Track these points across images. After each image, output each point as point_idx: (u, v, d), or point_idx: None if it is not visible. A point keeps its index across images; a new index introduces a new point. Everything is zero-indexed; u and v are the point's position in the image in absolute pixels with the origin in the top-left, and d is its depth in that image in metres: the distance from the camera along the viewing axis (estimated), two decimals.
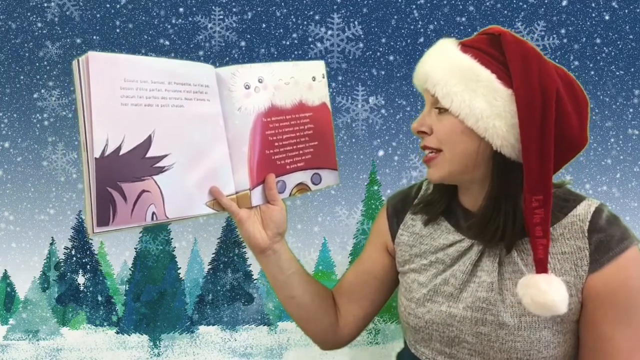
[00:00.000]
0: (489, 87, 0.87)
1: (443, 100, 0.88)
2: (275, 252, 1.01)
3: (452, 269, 0.95)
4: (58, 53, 1.28)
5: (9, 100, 1.76)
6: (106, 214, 0.80)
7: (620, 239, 0.86)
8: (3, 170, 1.62)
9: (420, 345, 0.99)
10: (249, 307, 1.34)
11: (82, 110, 0.81)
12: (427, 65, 0.92)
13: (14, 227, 1.74)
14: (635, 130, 1.70)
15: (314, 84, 1.05)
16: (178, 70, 0.88)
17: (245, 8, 1.52)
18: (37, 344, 1.36)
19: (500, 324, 0.87)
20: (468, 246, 0.95)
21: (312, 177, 1.06)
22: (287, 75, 1.01)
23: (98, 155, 0.79)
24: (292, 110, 1.01)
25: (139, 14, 1.63)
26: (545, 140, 0.86)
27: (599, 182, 1.75)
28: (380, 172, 1.33)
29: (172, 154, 0.87)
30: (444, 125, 0.90)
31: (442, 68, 0.90)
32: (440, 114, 0.91)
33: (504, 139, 0.87)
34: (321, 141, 1.05)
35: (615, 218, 0.89)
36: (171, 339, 1.34)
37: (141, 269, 1.38)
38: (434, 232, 1.01)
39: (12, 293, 1.56)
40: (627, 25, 1.70)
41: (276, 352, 1.33)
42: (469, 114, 0.87)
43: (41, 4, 1.38)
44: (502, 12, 1.62)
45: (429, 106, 0.94)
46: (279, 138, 1.00)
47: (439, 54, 0.93)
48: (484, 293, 0.90)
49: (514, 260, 0.90)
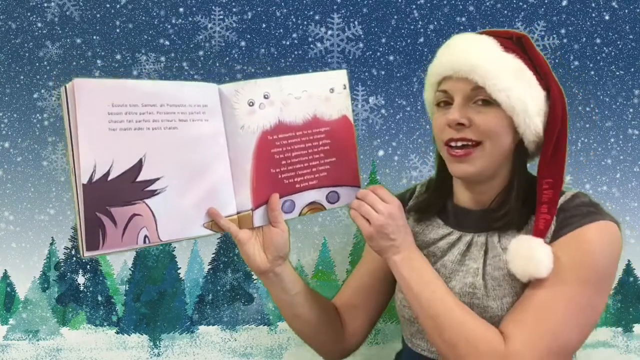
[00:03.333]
0: (532, 87, 0.91)
1: (498, 93, 0.88)
2: (276, 275, 0.99)
3: (442, 260, 0.99)
4: (58, 53, 1.29)
5: (9, 100, 1.79)
6: (95, 239, 0.80)
7: (585, 215, 0.89)
8: (3, 170, 1.65)
9: (416, 339, 1.02)
10: (249, 307, 1.35)
11: (70, 137, 0.80)
12: (473, 57, 0.90)
13: (14, 227, 1.77)
14: (635, 130, 1.73)
15: (332, 96, 0.98)
16: (171, 92, 0.86)
17: (245, 8, 1.55)
18: (37, 344, 1.36)
19: (484, 307, 0.90)
20: (457, 238, 0.99)
21: (327, 195, 1.00)
22: (298, 89, 0.95)
23: (86, 181, 0.79)
24: (303, 126, 0.95)
25: (139, 14, 1.66)
26: (562, 133, 0.92)
27: (599, 182, 1.78)
28: (380, 172, 1.34)
29: (165, 177, 0.85)
30: (489, 118, 0.90)
31: (494, 63, 0.90)
32: (484, 107, 0.90)
33: (536, 135, 0.92)
34: (340, 157, 0.99)
35: (591, 204, 0.92)
36: (171, 339, 1.34)
37: (141, 269, 1.38)
38: (425, 229, 1.05)
39: (12, 293, 1.57)
40: (627, 25, 1.73)
41: (276, 352, 1.33)
42: (521, 110, 0.89)
43: (41, 4, 1.39)
44: (502, 12, 1.64)
45: (462, 98, 0.92)
46: (287, 156, 0.95)
47: (483, 48, 0.92)
48: (470, 278, 0.93)
49: (495, 246, 0.94)
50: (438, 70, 0.95)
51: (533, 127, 0.91)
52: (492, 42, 0.93)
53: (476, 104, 0.91)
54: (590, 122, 1.44)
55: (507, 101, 0.89)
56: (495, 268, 0.92)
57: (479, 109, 0.91)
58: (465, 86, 0.91)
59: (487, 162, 0.92)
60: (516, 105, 0.89)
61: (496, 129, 0.90)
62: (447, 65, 0.93)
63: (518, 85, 0.90)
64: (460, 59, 0.91)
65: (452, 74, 0.92)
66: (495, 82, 0.88)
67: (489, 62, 0.90)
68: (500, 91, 0.88)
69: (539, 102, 0.92)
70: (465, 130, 0.91)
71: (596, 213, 0.89)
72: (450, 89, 0.93)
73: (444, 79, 0.94)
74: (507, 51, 0.92)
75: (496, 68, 0.89)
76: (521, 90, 0.90)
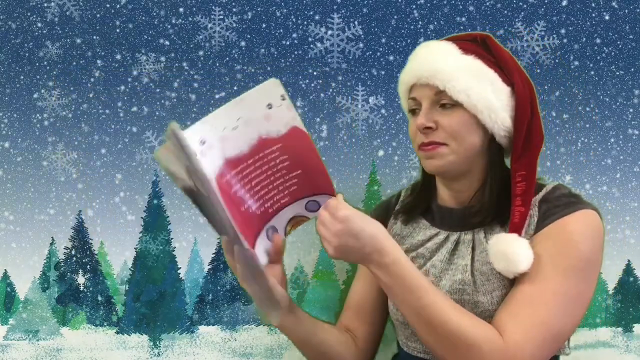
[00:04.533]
0: (495, 84, 0.95)
1: (458, 94, 0.92)
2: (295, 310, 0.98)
3: (431, 261, 1.00)
4: (58, 53, 1.28)
5: (9, 100, 1.78)
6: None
7: (567, 205, 0.91)
8: (3, 170, 1.64)
9: (410, 341, 1.02)
10: (249, 307, 1.35)
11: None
12: (433, 63, 0.95)
13: (14, 227, 1.76)
14: (635, 130, 1.72)
15: (271, 112, 0.87)
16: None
17: (245, 8, 1.54)
18: (37, 344, 1.36)
19: (475, 302, 0.92)
20: (444, 238, 1.01)
21: (306, 205, 0.94)
22: (232, 119, 0.86)
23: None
24: (252, 153, 0.88)
25: (139, 14, 1.65)
26: (534, 125, 0.96)
27: (599, 182, 1.77)
28: (380, 172, 1.33)
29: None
30: (453, 119, 0.94)
31: (453, 66, 0.94)
32: (447, 109, 0.95)
33: (506, 130, 0.95)
34: (305, 168, 0.91)
35: (571, 194, 0.95)
36: (171, 339, 1.34)
37: (141, 269, 1.38)
38: (413, 231, 1.07)
39: (12, 293, 1.57)
40: (627, 25, 1.72)
41: (276, 352, 1.32)
42: (484, 107, 0.93)
43: (41, 4, 1.39)
44: (502, 12, 1.63)
45: (429, 103, 0.96)
46: (248, 188, 0.89)
47: (442, 54, 0.97)
48: (460, 275, 0.95)
49: (482, 242, 0.96)
50: (405, 79, 1.00)
51: (500, 122, 0.94)
52: (451, 46, 0.97)
53: (442, 107, 0.95)
54: (590, 122, 1.44)
55: (468, 100, 0.92)
56: (483, 263, 0.94)
57: (444, 112, 0.95)
58: (429, 92, 0.95)
59: (455, 158, 0.95)
60: (478, 103, 0.92)
61: (461, 128, 0.94)
62: (411, 74, 0.98)
63: (478, 84, 0.93)
64: (422, 66, 0.96)
65: (416, 81, 0.97)
66: (454, 83, 0.92)
67: (447, 65, 0.94)
68: (460, 92, 0.92)
69: (504, 97, 0.95)
70: (432, 133, 0.95)
71: (577, 203, 0.92)
72: (417, 95, 0.98)
73: (412, 87, 0.99)
74: (466, 53, 0.96)
75: (454, 70, 0.93)
76: (482, 88, 0.93)
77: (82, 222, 1.49)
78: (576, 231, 0.89)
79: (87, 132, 1.46)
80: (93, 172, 1.46)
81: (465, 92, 0.92)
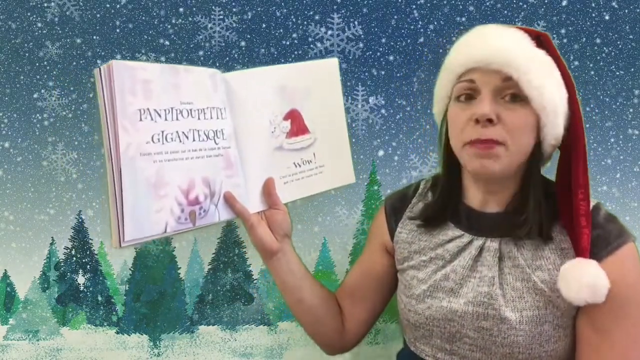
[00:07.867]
0: (560, 88, 0.87)
1: (532, 90, 0.83)
2: (285, 254, 1.01)
3: (452, 265, 0.94)
4: (58, 53, 1.29)
5: (9, 100, 1.79)
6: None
7: (618, 235, 0.86)
8: (3, 170, 1.64)
9: (420, 343, 0.99)
10: (249, 307, 1.35)
11: (108, 119, 0.80)
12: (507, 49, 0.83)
13: (14, 227, 1.77)
14: (635, 130, 1.72)
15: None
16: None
17: (245, 8, 1.54)
18: (37, 344, 1.36)
19: (502, 318, 0.87)
20: (468, 241, 0.95)
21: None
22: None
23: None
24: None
25: (139, 14, 1.65)
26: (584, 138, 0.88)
27: (599, 182, 1.77)
28: (380, 172, 1.33)
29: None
30: (519, 116, 0.84)
31: (528, 57, 0.84)
32: (513, 103, 0.85)
33: (557, 139, 0.88)
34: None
35: (612, 216, 0.90)
36: (171, 339, 1.34)
37: (141, 269, 1.38)
38: (432, 229, 1.01)
39: (12, 293, 1.56)
40: (627, 25, 1.72)
41: (276, 352, 1.32)
42: (551, 110, 0.84)
43: (41, 4, 1.39)
44: (502, 12, 1.63)
45: (491, 91, 0.85)
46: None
47: (516, 41, 0.86)
48: (486, 287, 0.89)
49: (514, 255, 0.90)
50: (462, 61, 0.87)
51: (557, 129, 0.86)
52: (523, 35, 0.87)
53: (504, 99, 0.85)
54: (590, 122, 1.44)
55: (540, 98, 0.83)
56: (518, 279, 0.88)
57: (508, 105, 0.85)
58: (495, 79, 0.84)
59: (508, 161, 0.86)
60: (548, 104, 0.84)
61: (522, 128, 0.85)
62: (477, 56, 0.85)
63: (550, 83, 0.85)
64: (492, 49, 0.84)
65: (483, 65, 0.84)
66: (530, 77, 0.82)
67: (523, 55, 0.83)
68: (535, 87, 0.83)
69: (564, 103, 0.87)
70: (491, 128, 0.84)
71: (623, 231, 0.87)
72: (477, 79, 0.86)
73: (468, 71, 0.87)
74: (539, 47, 0.87)
75: (529, 62, 0.83)
76: (553, 89, 0.85)
77: (82, 222, 1.49)
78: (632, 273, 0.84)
79: (87, 132, 1.46)
80: (93, 172, 1.46)
81: (539, 89, 0.83)
